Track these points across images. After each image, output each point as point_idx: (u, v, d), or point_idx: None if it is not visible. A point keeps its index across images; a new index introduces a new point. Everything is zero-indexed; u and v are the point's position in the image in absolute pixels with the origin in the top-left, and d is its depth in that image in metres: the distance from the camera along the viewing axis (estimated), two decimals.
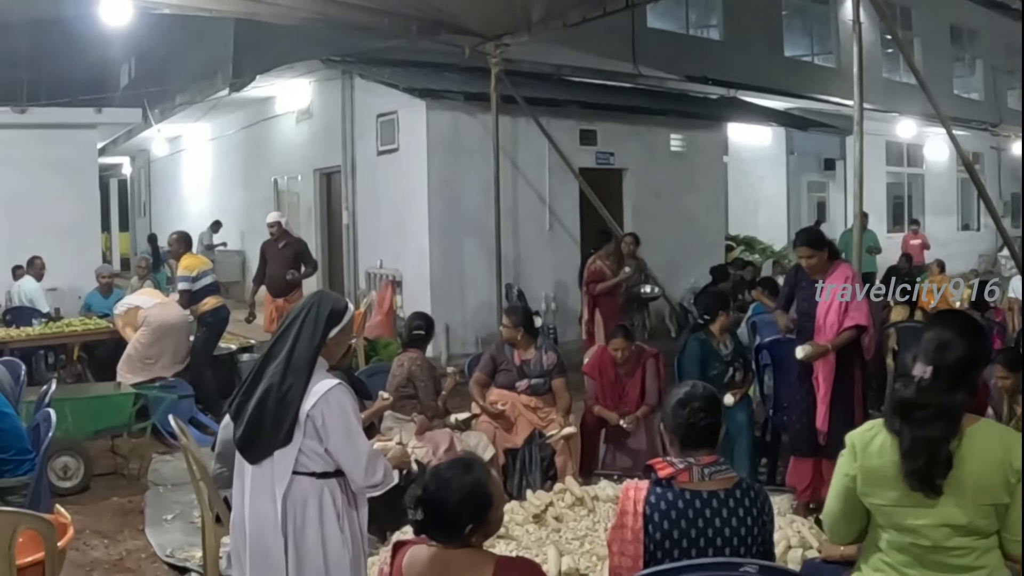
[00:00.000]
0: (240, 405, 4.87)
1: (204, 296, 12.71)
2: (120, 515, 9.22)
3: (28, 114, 19.31)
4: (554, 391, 8.98)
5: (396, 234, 16.64)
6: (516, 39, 14.59)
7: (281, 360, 4.78)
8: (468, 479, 3.93)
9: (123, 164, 34.58)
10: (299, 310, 4.93)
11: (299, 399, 4.68)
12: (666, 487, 4.33)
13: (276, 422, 4.69)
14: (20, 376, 9.41)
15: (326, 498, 4.76)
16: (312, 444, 4.71)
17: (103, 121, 20.35)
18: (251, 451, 4.82)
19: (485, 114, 15.45)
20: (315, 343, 4.80)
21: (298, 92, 19.71)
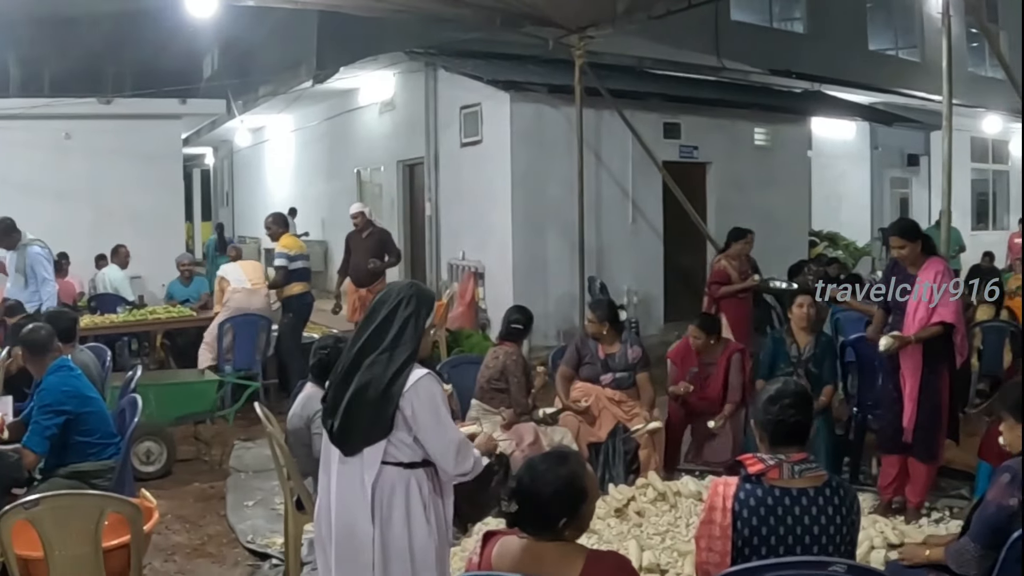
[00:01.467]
0: (335, 397, 4.85)
1: (294, 280, 12.83)
2: (202, 500, 9.32)
3: (113, 105, 19.55)
4: (638, 385, 8.94)
5: (479, 226, 16.64)
6: (600, 31, 14.49)
7: (383, 352, 4.73)
8: (563, 471, 3.91)
9: (206, 155, 34.90)
10: (396, 300, 4.85)
11: (399, 392, 4.64)
12: (755, 483, 4.30)
13: (376, 415, 4.66)
14: (106, 362, 9.56)
15: (413, 488, 4.73)
16: (401, 434, 4.68)
17: (187, 112, 20.56)
18: (347, 444, 4.78)
19: (568, 106, 15.37)
20: (417, 335, 4.77)
21: (381, 84, 19.76)
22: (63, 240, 16.63)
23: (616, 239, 16.48)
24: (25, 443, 6.55)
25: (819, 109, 21.60)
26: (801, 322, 8.96)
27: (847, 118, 23.26)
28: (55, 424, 6.62)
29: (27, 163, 18.82)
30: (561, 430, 8.49)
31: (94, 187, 19.04)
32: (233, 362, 12.62)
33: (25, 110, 18.75)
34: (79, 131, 19.29)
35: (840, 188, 25.02)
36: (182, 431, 10.71)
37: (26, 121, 18.77)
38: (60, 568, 5.08)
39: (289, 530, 6.84)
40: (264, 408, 7.21)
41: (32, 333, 7.18)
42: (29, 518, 5.01)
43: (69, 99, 19.09)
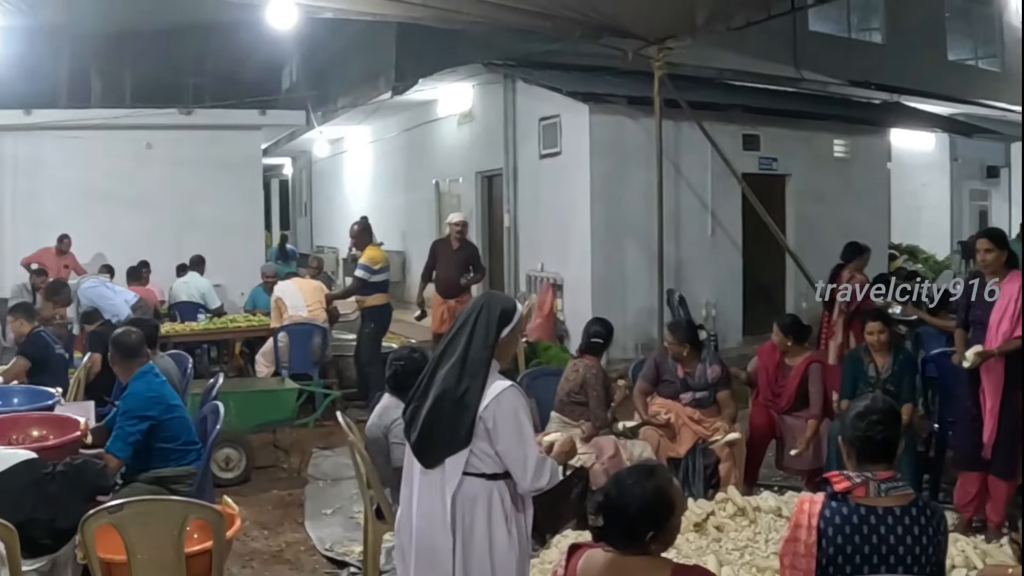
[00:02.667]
0: (414, 410, 4.87)
1: (374, 291, 12.91)
2: (280, 507, 9.42)
3: (194, 115, 19.78)
4: (719, 403, 8.87)
5: (557, 237, 16.58)
6: (679, 42, 14.39)
7: (455, 363, 4.76)
8: (650, 485, 3.87)
9: (284, 165, 35.17)
10: (469, 312, 4.91)
11: (476, 402, 4.67)
12: (841, 501, 4.24)
13: (452, 426, 4.69)
14: (187, 369, 9.67)
15: (495, 499, 4.75)
16: (483, 445, 4.69)
17: (267, 123, 20.68)
18: (427, 455, 4.81)
19: (647, 118, 15.24)
20: (489, 344, 4.78)
21: (460, 95, 19.78)
22: (144, 249, 16.92)
23: (695, 252, 16.35)
24: (108, 448, 6.62)
25: (898, 120, 21.37)
26: (874, 347, 8.88)
27: (926, 129, 23.01)
28: (139, 430, 6.68)
29: (109, 173, 19.09)
30: (641, 444, 8.45)
31: (175, 196, 19.26)
32: (289, 367, 12.76)
33: (107, 120, 19.03)
34: (160, 141, 19.52)
35: (919, 200, 24.76)
36: (261, 438, 10.83)
37: (108, 131, 19.05)
38: (142, 572, 5.11)
39: (368, 539, 6.86)
40: (346, 417, 7.23)
41: (123, 336, 7.26)
42: (113, 522, 5.05)
43: (150, 110, 19.32)
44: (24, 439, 6.82)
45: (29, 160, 19.17)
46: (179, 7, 17.22)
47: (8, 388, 8.65)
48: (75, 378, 9.64)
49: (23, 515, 5.25)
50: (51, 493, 5.54)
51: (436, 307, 14.19)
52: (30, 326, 10.05)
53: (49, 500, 5.48)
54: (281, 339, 12.89)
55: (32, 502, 5.42)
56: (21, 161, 19.19)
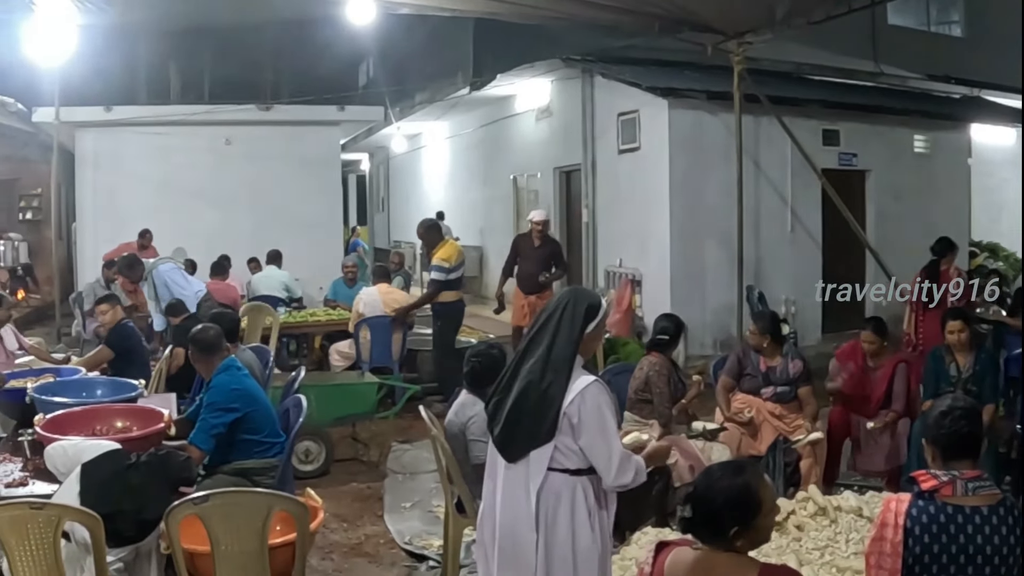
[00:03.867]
0: (497, 404, 4.87)
1: (445, 288, 12.93)
2: (359, 500, 9.47)
3: (273, 111, 19.93)
4: (800, 399, 8.79)
5: (636, 233, 16.50)
6: (759, 37, 14.30)
7: (539, 358, 4.75)
8: (738, 481, 3.84)
9: (362, 160, 35.32)
10: (554, 307, 4.89)
11: (560, 397, 4.65)
12: (928, 500, 4.19)
13: (536, 421, 4.68)
14: (268, 362, 9.76)
15: (579, 495, 4.73)
16: (567, 441, 4.67)
17: (345, 119, 20.80)
18: (510, 450, 4.81)
19: (727, 113, 15.16)
20: (573, 339, 4.76)
21: (538, 90, 19.77)
22: (224, 243, 17.07)
23: (774, 248, 16.22)
24: (191, 440, 6.67)
25: (978, 115, 21.05)
26: (955, 346, 8.79)
27: (1007, 124, 22.65)
28: (223, 422, 6.74)
29: (189, 168, 19.34)
30: (720, 447, 8.38)
31: (254, 192, 19.46)
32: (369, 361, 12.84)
33: (186, 116, 19.23)
34: (239, 137, 19.74)
35: (1000, 197, 24.33)
36: (340, 431, 10.89)
37: (187, 127, 19.26)
38: (226, 563, 5.14)
39: (449, 532, 6.86)
40: (428, 411, 7.24)
41: (201, 333, 7.31)
42: (198, 513, 5.08)
43: (229, 106, 19.46)
44: (108, 430, 6.89)
45: (109, 156, 19.45)
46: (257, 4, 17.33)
47: (92, 379, 8.77)
48: (156, 370, 9.74)
49: (110, 507, 5.30)
50: (136, 484, 5.59)
51: (517, 302, 14.27)
52: (118, 316, 10.19)
53: (134, 491, 5.53)
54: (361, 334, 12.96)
55: (118, 493, 5.47)
56: (101, 157, 19.49)
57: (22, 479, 6.28)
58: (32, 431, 6.75)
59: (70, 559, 5.29)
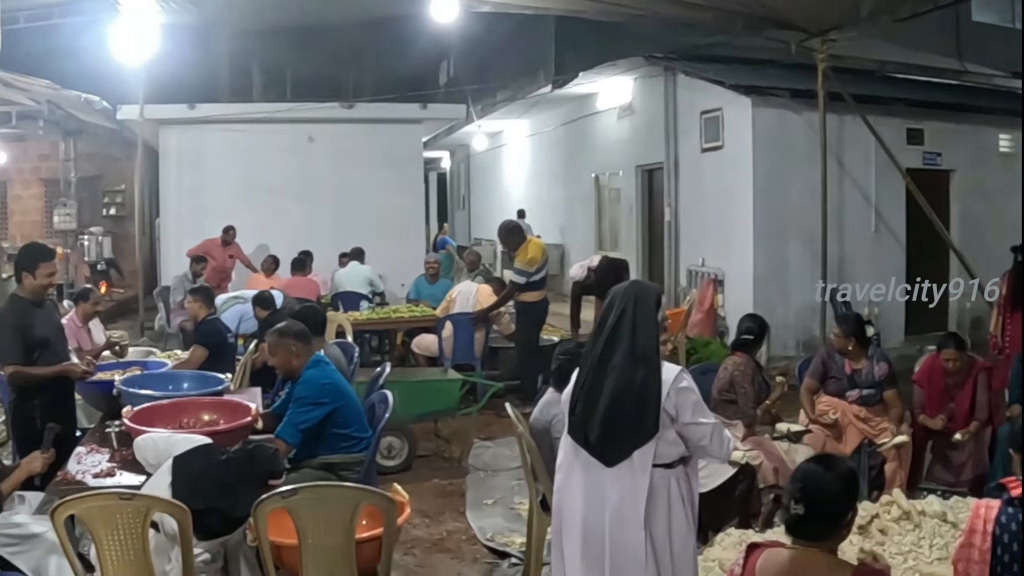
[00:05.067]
0: (586, 407, 4.84)
1: (529, 288, 12.94)
2: (441, 496, 9.50)
3: (355, 109, 19.99)
4: (886, 402, 8.68)
5: (719, 232, 16.41)
6: (843, 34, 14.19)
7: (624, 356, 4.73)
8: (843, 467, 3.89)
9: (442, 158, 35.49)
10: (622, 304, 4.88)
11: (657, 392, 4.65)
12: (1018, 508, 4.14)
13: (638, 420, 4.67)
14: (354, 358, 9.82)
15: (674, 487, 4.75)
16: (669, 433, 4.70)
17: (428, 116, 20.79)
18: (611, 453, 4.77)
19: (810, 111, 15.06)
20: (654, 332, 4.78)
21: (620, 88, 19.75)
22: (306, 240, 17.22)
23: (858, 248, 16.03)
24: (279, 434, 6.73)
25: None
26: None
27: None
28: (311, 417, 6.78)
29: (272, 165, 19.47)
30: (804, 449, 8.31)
31: (337, 188, 19.58)
32: (452, 358, 12.89)
33: (269, 114, 19.34)
34: (322, 134, 19.83)
35: None
36: (422, 427, 10.94)
37: (270, 125, 19.39)
38: (312, 557, 5.17)
39: (532, 530, 6.85)
40: (514, 408, 7.24)
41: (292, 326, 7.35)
42: (286, 507, 5.12)
43: (312, 103, 19.59)
44: (195, 423, 6.96)
45: (193, 153, 19.65)
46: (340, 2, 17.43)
47: (179, 372, 8.85)
48: (241, 365, 9.80)
49: (202, 502, 5.34)
50: (227, 479, 5.63)
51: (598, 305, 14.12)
52: (207, 312, 10.30)
53: (225, 487, 5.57)
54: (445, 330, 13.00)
55: (209, 488, 5.51)
56: (185, 154, 19.69)
57: (109, 469, 6.37)
58: (119, 423, 6.82)
59: (158, 549, 5.34)
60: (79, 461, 6.60)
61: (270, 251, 17.43)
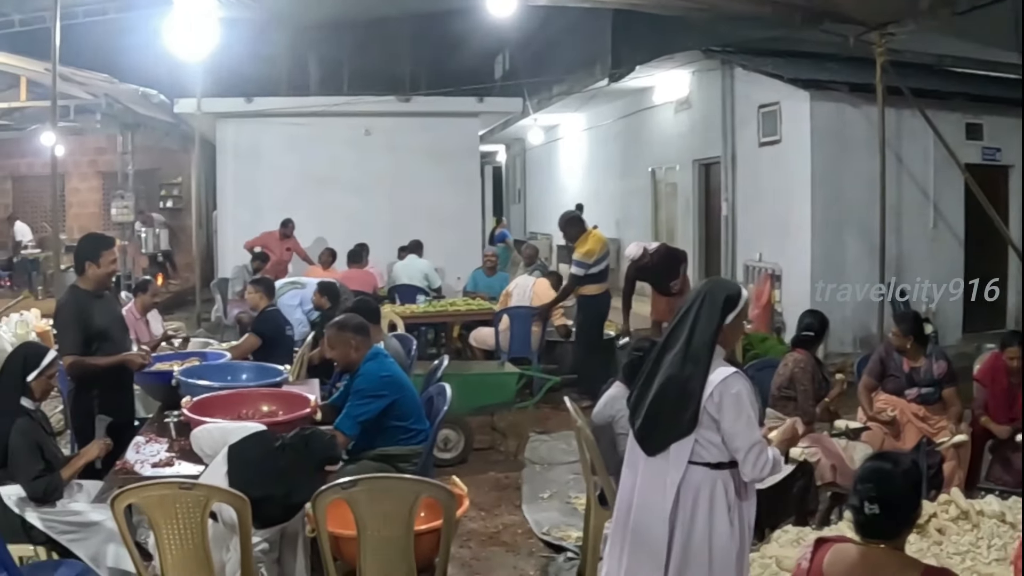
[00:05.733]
0: (639, 396, 4.86)
1: (590, 281, 12.95)
2: (497, 490, 9.55)
3: (412, 103, 20.02)
4: (945, 400, 8.62)
5: (776, 227, 16.31)
6: (902, 28, 14.06)
7: (679, 350, 4.73)
8: (908, 462, 3.87)
9: (498, 152, 35.48)
10: (693, 298, 4.87)
11: (700, 389, 4.63)
12: None
13: (677, 413, 4.66)
14: (411, 351, 9.88)
15: (718, 489, 4.70)
16: (708, 434, 4.65)
17: (484, 110, 20.81)
18: (650, 443, 4.80)
19: (868, 106, 14.93)
20: (712, 330, 4.73)
21: (677, 82, 19.66)
22: (363, 232, 17.25)
23: (916, 244, 15.88)
24: (337, 426, 6.77)
25: None
26: None
27: None
28: (370, 409, 6.83)
29: (329, 158, 19.54)
30: (862, 446, 8.25)
31: (393, 182, 19.63)
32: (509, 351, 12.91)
33: (326, 107, 19.41)
34: (379, 127, 19.89)
35: None
36: (479, 420, 10.96)
37: (327, 118, 19.45)
38: (371, 548, 5.19)
39: (590, 524, 6.85)
40: (573, 403, 7.23)
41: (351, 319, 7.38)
42: (346, 498, 5.14)
43: (369, 97, 19.63)
44: (254, 414, 7.01)
45: (250, 146, 19.75)
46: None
47: (238, 364, 8.90)
48: (299, 357, 9.85)
49: (258, 489, 5.37)
50: (283, 466, 5.66)
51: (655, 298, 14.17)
52: (267, 302, 10.36)
53: (282, 474, 5.61)
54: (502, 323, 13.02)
55: (266, 476, 5.55)
56: (242, 147, 19.79)
57: (168, 459, 6.42)
58: (178, 413, 6.87)
59: (216, 538, 5.38)
60: (137, 451, 6.66)
61: (327, 244, 17.50)
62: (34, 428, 6.22)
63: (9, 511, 5.97)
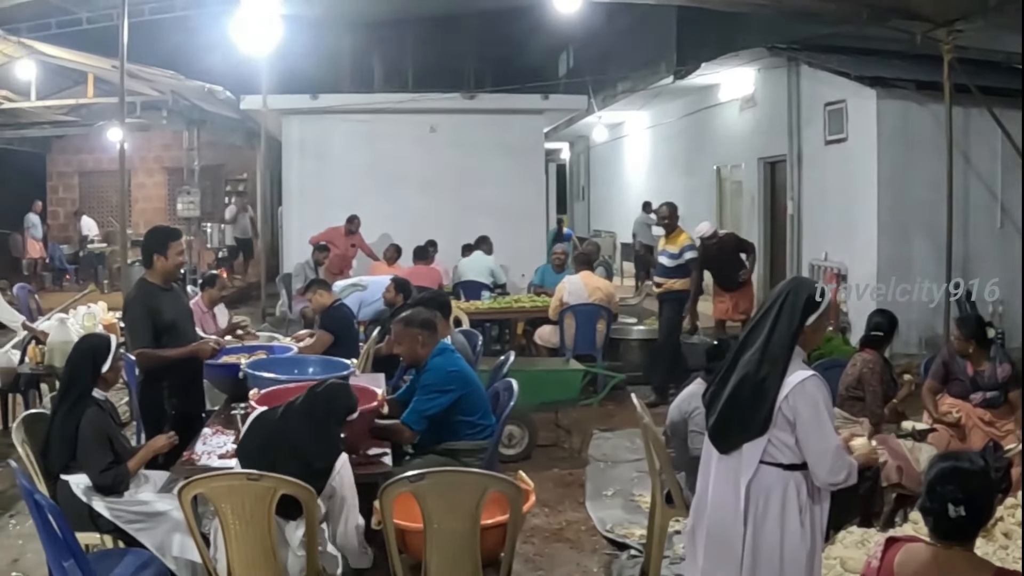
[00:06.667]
0: (714, 393, 4.84)
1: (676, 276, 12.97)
2: (561, 486, 9.55)
3: (477, 100, 20.06)
4: (1011, 403, 8.53)
5: (842, 226, 16.20)
6: (970, 24, 13.94)
7: (757, 349, 4.69)
8: (981, 463, 3.82)
9: (562, 149, 35.51)
10: (774, 297, 4.82)
11: (775, 390, 4.58)
12: None
13: (751, 413, 4.63)
14: (477, 346, 9.94)
15: (791, 490, 4.65)
16: (782, 435, 4.61)
17: (549, 107, 20.80)
18: (723, 440, 4.78)
19: (936, 104, 14.77)
20: (792, 331, 4.69)
21: (742, 80, 19.60)
22: (428, 229, 17.35)
23: (983, 244, 15.68)
24: (404, 420, 6.80)
25: None
26: None
27: None
28: (437, 404, 6.86)
29: (393, 155, 19.63)
30: (929, 448, 8.19)
31: (458, 178, 19.70)
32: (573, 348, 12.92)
33: (391, 104, 19.49)
34: (444, 124, 19.97)
35: None
36: (542, 417, 10.98)
37: (392, 115, 19.55)
38: (437, 541, 5.21)
39: (655, 522, 6.83)
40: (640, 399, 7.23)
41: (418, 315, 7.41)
42: (413, 491, 5.16)
43: (434, 94, 19.69)
44: None
45: (315, 142, 19.91)
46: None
47: (305, 357, 8.94)
48: (364, 352, 9.93)
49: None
50: (294, 441, 5.57)
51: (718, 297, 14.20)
52: (330, 299, 10.46)
53: (294, 449, 5.51)
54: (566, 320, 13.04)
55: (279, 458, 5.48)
56: (308, 143, 19.94)
57: (233, 451, 6.45)
58: (245, 405, 6.91)
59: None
60: (204, 442, 6.72)
61: (391, 240, 17.59)
62: (104, 419, 6.28)
63: (77, 500, 6.04)
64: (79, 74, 19.26)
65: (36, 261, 26.42)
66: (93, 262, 25.95)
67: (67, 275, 27.13)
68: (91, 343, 6.65)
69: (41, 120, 22.19)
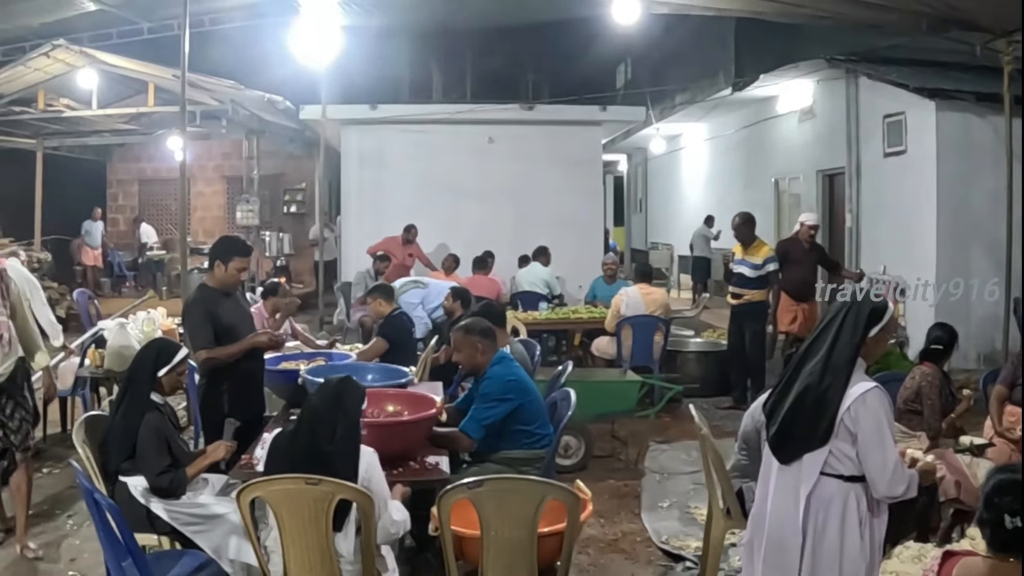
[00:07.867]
0: (776, 403, 4.85)
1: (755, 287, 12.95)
2: (616, 497, 9.50)
3: (536, 111, 20.11)
4: None
5: (901, 239, 16.10)
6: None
7: (819, 360, 4.69)
8: None
9: (619, 161, 35.49)
10: (838, 309, 4.83)
11: (837, 401, 4.59)
12: None
13: (811, 423, 4.64)
14: (535, 356, 9.95)
15: (851, 502, 4.65)
16: (843, 446, 4.61)
17: (607, 119, 20.85)
18: (783, 451, 4.79)
19: (995, 115, 14.59)
20: (855, 342, 4.68)
21: (800, 92, 19.53)
22: (486, 239, 17.37)
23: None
24: (462, 428, 6.85)
25: None
26: None
27: None
28: (496, 413, 6.89)
29: (452, 165, 19.71)
30: (987, 463, 8.11)
31: (516, 189, 19.74)
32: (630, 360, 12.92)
33: (450, 115, 19.58)
34: (502, 135, 20.03)
35: None
36: (599, 428, 10.96)
37: (450, 126, 19.63)
38: (494, 548, 5.21)
39: (711, 534, 6.82)
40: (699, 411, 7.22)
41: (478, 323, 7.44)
42: (471, 498, 5.16)
43: (492, 105, 19.75)
44: (379, 413, 7.04)
45: (374, 153, 20.05)
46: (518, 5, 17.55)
47: (364, 364, 9.00)
48: (422, 360, 10.00)
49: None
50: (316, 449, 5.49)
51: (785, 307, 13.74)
52: (390, 307, 10.54)
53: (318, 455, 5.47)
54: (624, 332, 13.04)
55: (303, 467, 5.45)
56: (366, 153, 20.08)
57: None
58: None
59: None
60: (263, 447, 6.76)
61: (449, 250, 17.66)
62: (163, 422, 6.34)
63: (135, 501, 6.09)
64: (140, 83, 19.48)
65: (91, 268, 26.65)
66: (152, 269, 26.15)
67: (126, 281, 27.41)
68: (156, 347, 6.72)
69: (102, 128, 22.46)
